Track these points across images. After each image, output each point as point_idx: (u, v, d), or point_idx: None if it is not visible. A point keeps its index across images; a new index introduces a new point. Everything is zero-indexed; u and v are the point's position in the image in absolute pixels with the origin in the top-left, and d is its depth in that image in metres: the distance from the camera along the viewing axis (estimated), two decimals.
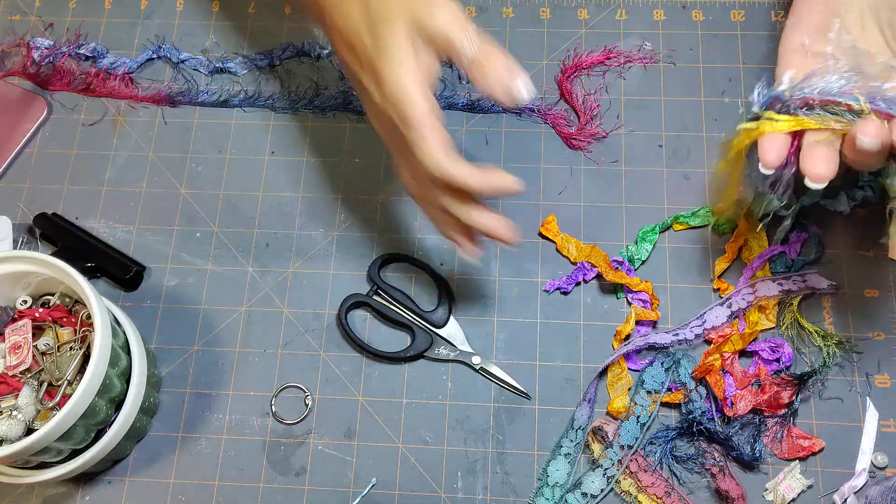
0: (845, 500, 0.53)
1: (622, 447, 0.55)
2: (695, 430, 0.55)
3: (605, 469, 0.54)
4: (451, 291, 0.61)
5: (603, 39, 0.68)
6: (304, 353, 0.60)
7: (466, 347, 0.59)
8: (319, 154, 0.66)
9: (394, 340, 0.60)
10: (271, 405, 0.59)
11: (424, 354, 0.59)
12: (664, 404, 0.57)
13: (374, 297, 0.61)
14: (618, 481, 0.54)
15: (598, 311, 0.60)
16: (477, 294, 0.61)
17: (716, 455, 0.54)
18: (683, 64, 0.67)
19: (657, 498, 0.54)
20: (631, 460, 0.55)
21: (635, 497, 0.54)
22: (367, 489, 0.56)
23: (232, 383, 0.60)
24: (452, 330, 0.60)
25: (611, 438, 0.55)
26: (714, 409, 0.56)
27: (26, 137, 0.68)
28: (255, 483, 0.57)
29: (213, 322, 0.61)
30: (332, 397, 0.59)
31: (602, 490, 0.54)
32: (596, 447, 0.56)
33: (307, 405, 0.58)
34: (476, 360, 0.59)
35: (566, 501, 0.54)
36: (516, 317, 0.60)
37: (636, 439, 0.55)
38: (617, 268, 0.60)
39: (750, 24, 0.68)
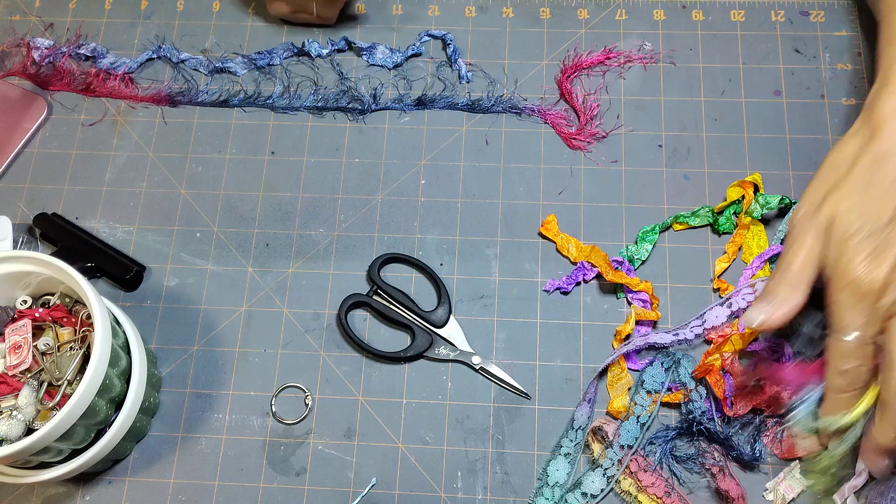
0: (845, 500, 0.53)
1: (622, 447, 0.55)
2: (695, 430, 0.55)
3: (605, 469, 0.54)
4: (451, 291, 0.61)
5: (603, 39, 0.68)
6: (304, 353, 0.60)
7: (466, 347, 0.59)
8: (319, 154, 0.66)
9: (394, 340, 0.60)
10: (271, 405, 0.59)
11: (424, 354, 0.59)
12: (664, 404, 0.57)
13: (374, 297, 0.61)
14: (618, 481, 0.54)
15: (598, 311, 0.60)
16: (477, 294, 0.61)
17: (716, 455, 0.54)
18: (683, 64, 0.67)
19: (657, 498, 0.54)
20: (631, 460, 0.55)
21: (635, 497, 0.54)
22: (367, 489, 0.56)
23: (232, 383, 0.60)
24: (452, 330, 0.60)
25: (611, 438, 0.55)
26: (714, 409, 0.56)
27: (26, 137, 0.68)
28: (255, 483, 0.57)
29: (213, 322, 0.61)
30: (332, 397, 0.59)
31: (602, 490, 0.54)
32: (596, 447, 0.56)
33: (307, 405, 0.58)
34: (476, 360, 0.59)
35: (566, 501, 0.54)
36: (516, 317, 0.60)
37: (636, 439, 0.55)
38: (617, 268, 0.60)
39: (750, 24, 0.68)
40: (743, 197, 0.61)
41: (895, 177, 0.47)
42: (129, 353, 0.55)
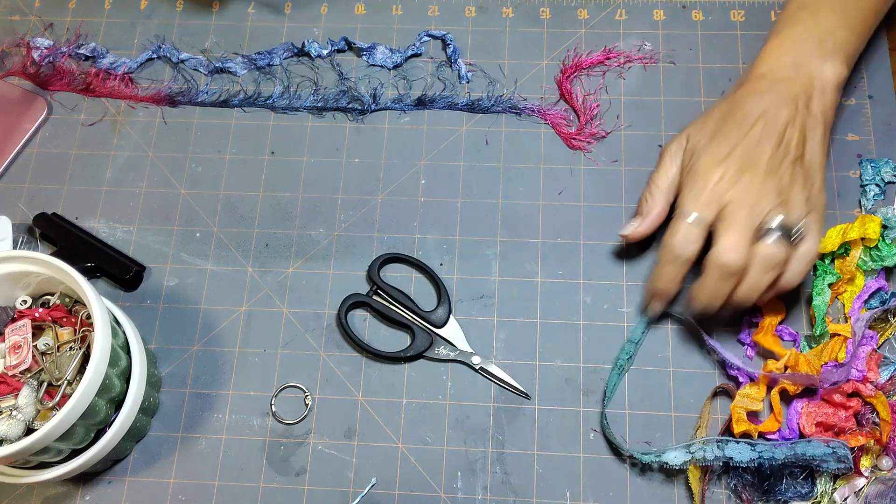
0: (845, 499, 0.53)
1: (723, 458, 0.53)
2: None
3: (693, 453, 0.54)
4: (451, 291, 0.61)
5: (603, 39, 0.68)
6: (304, 353, 0.60)
7: (466, 347, 0.59)
8: (319, 154, 0.66)
9: (394, 340, 0.60)
10: (271, 405, 0.59)
11: (424, 354, 0.59)
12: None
13: (374, 297, 0.61)
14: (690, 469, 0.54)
15: (598, 311, 0.60)
16: (477, 294, 0.61)
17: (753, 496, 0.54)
18: (683, 64, 0.67)
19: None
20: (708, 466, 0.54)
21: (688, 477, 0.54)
22: (367, 489, 0.56)
23: (232, 383, 0.60)
24: (452, 330, 0.60)
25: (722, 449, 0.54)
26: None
27: (26, 137, 0.68)
28: (255, 483, 0.57)
29: (213, 322, 0.61)
30: (332, 397, 0.59)
31: (678, 465, 0.54)
32: (700, 433, 0.55)
33: (307, 405, 0.58)
34: (476, 360, 0.59)
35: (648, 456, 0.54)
36: (516, 317, 0.60)
37: (738, 461, 0.53)
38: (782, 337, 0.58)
39: (750, 24, 0.68)
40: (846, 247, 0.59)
41: (743, 116, 0.56)
42: (129, 353, 0.55)
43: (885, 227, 0.59)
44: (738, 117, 0.57)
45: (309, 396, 0.59)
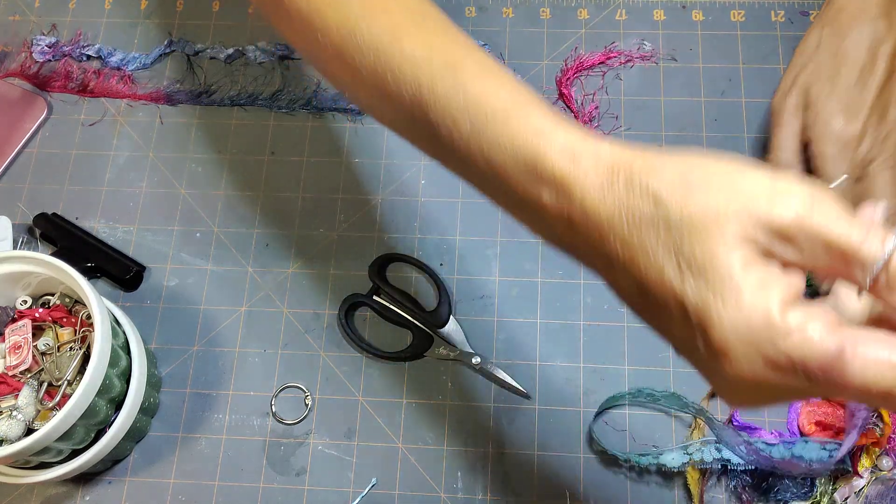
0: (845, 499, 0.53)
1: (718, 457, 0.53)
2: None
3: (690, 454, 0.53)
4: (451, 291, 0.61)
5: (603, 39, 0.68)
6: (304, 353, 0.60)
7: (466, 347, 0.59)
8: (319, 154, 0.66)
9: (394, 340, 0.60)
10: (271, 405, 0.59)
11: (424, 354, 0.59)
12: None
13: (375, 297, 0.61)
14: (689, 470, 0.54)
15: (598, 311, 0.60)
16: (477, 294, 0.61)
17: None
18: (683, 64, 0.67)
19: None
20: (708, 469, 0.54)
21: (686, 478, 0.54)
22: (367, 489, 0.56)
23: (232, 383, 0.60)
24: (452, 330, 0.60)
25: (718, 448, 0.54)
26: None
27: (26, 137, 0.68)
28: (255, 483, 0.57)
29: (213, 322, 0.61)
30: (332, 397, 0.59)
31: (676, 466, 0.53)
32: (696, 433, 0.55)
33: (307, 405, 0.58)
34: (476, 360, 0.59)
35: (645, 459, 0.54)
36: (516, 317, 0.60)
37: (730, 462, 0.53)
38: None
39: (750, 24, 0.68)
40: None
41: (855, 45, 0.53)
42: (129, 353, 0.55)
43: None
44: (852, 48, 0.53)
45: (309, 396, 0.59)
